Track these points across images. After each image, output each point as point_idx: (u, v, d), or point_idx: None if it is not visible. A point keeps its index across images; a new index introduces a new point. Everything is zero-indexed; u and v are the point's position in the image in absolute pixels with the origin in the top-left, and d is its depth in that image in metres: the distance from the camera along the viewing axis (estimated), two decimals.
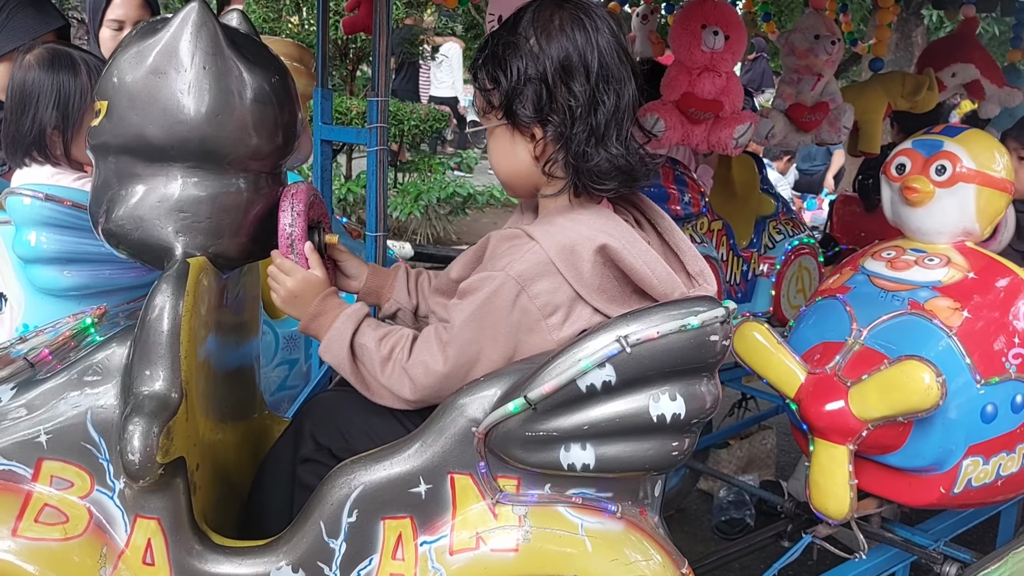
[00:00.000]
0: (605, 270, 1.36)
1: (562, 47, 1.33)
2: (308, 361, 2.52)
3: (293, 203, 1.45)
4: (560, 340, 1.35)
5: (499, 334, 1.35)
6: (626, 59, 1.37)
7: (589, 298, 1.35)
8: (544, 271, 1.34)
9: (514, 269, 1.33)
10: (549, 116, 1.35)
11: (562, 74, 1.33)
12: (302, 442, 1.52)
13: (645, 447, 1.29)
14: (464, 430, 1.32)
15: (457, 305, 1.38)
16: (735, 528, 3.49)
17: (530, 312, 1.34)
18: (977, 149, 2.22)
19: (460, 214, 7.49)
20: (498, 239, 1.43)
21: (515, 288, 1.33)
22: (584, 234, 1.35)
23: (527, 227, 1.39)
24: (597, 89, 1.33)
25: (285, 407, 2.48)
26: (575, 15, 1.35)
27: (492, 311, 1.34)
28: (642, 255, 1.36)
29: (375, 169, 1.97)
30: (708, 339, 1.28)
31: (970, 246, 2.28)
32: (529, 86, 1.34)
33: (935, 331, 2.11)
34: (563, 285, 1.34)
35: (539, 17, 1.36)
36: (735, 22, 2.64)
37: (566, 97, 1.33)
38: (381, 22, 1.95)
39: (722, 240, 3.15)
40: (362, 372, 1.44)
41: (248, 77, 1.37)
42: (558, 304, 1.35)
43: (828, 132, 3.09)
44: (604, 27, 1.35)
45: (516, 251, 1.36)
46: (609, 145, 1.35)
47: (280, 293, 1.48)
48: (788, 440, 3.89)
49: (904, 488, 2.18)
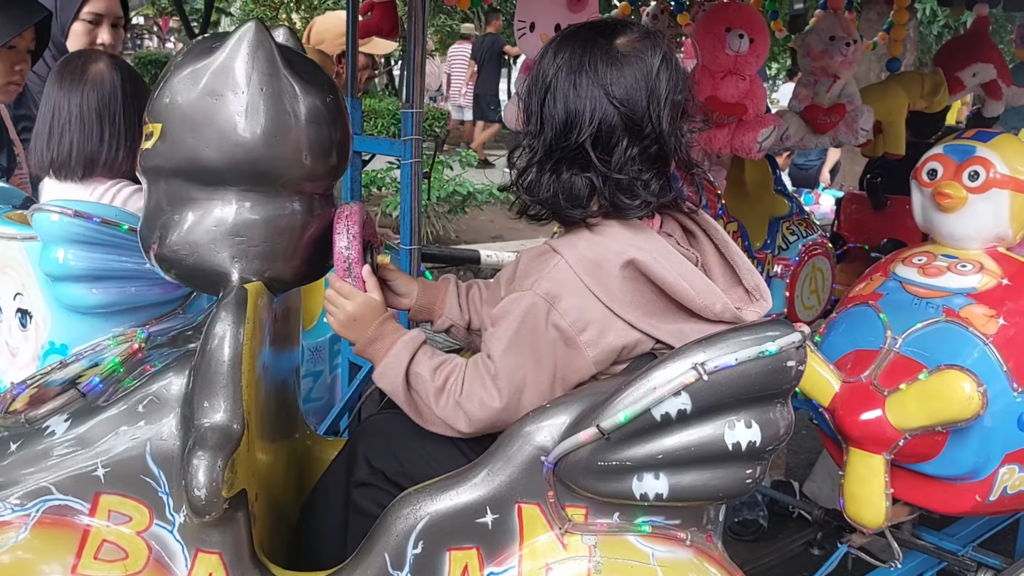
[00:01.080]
0: (636, 284, 1.34)
1: (564, 91, 1.35)
2: (333, 372, 2.48)
3: (348, 225, 1.42)
4: (596, 357, 1.33)
5: (541, 355, 1.34)
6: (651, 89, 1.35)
7: (622, 313, 1.33)
8: (571, 288, 1.32)
9: (541, 287, 1.32)
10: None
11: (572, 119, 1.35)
12: (356, 466, 1.49)
13: (719, 475, 1.27)
14: (532, 458, 1.30)
15: (493, 334, 1.36)
16: (748, 529, 3.49)
17: (563, 329, 1.32)
18: (1010, 154, 2.21)
19: (459, 212, 7.45)
20: (528, 257, 1.42)
21: (544, 306, 1.32)
22: (612, 248, 1.33)
23: (554, 242, 1.38)
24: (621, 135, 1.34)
25: (311, 420, 2.44)
26: (608, 53, 1.35)
27: (528, 334, 1.33)
28: (676, 267, 1.34)
29: (409, 182, 1.94)
30: (784, 365, 1.25)
31: (1002, 251, 2.28)
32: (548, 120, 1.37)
33: (971, 339, 2.10)
34: (592, 300, 1.32)
35: (562, 52, 1.36)
36: (759, 25, 2.61)
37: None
38: (416, 30, 1.90)
39: (737, 241, 3.11)
40: (416, 401, 1.41)
41: (303, 97, 1.34)
42: (589, 320, 1.32)
43: (845, 134, 3.07)
44: (626, 71, 1.34)
45: (543, 268, 1.34)
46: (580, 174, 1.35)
47: (339, 317, 1.45)
48: (797, 440, 3.90)
49: (939, 496, 2.18)
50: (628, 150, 1.33)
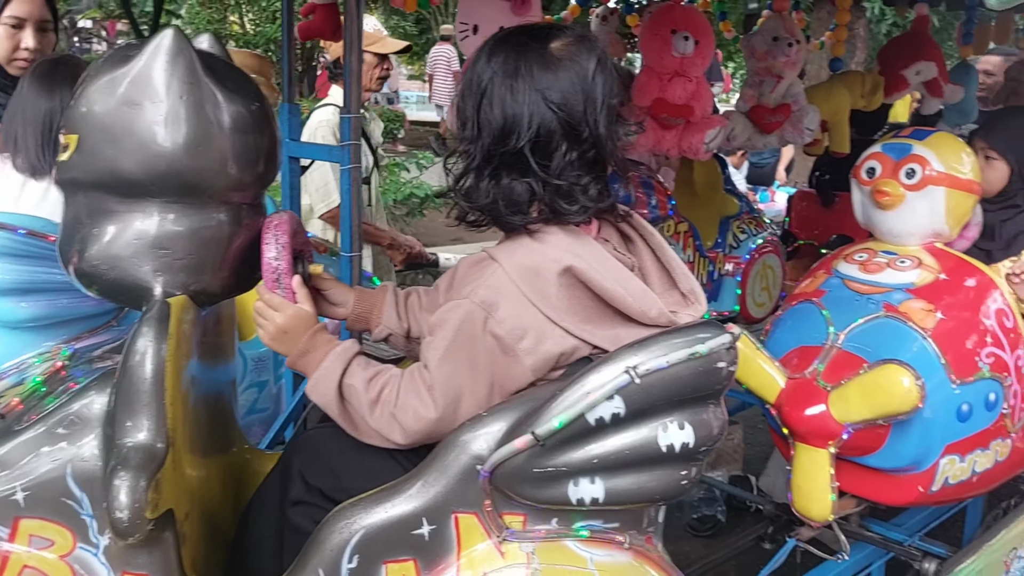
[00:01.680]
0: (574, 291, 1.32)
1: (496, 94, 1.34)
2: (278, 383, 2.45)
3: (277, 235, 1.39)
4: (534, 365, 1.32)
5: (477, 364, 1.32)
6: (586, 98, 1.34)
7: (559, 320, 1.32)
8: (508, 295, 1.31)
9: (478, 295, 1.31)
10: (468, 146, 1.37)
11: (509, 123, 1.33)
12: (291, 483, 1.46)
13: (654, 477, 1.27)
14: (468, 468, 1.29)
15: (430, 344, 1.34)
16: (707, 525, 3.52)
17: (500, 337, 1.31)
18: (945, 152, 2.25)
19: (418, 215, 7.40)
20: (466, 264, 1.41)
21: (481, 315, 1.30)
22: (550, 255, 1.32)
23: (492, 250, 1.36)
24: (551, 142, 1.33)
25: (256, 432, 2.41)
26: (542, 58, 1.33)
27: (465, 342, 1.31)
28: (613, 273, 1.33)
29: (348, 188, 1.91)
30: (715, 366, 1.26)
31: (940, 247, 2.32)
32: (482, 122, 1.35)
33: (910, 333, 2.13)
34: (529, 308, 1.31)
35: (496, 56, 1.35)
36: (704, 27, 2.63)
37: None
38: (352, 36, 1.88)
39: (688, 241, 3.16)
40: (350, 412, 1.39)
41: (227, 105, 1.31)
42: (526, 328, 1.31)
43: (791, 133, 3.10)
44: (579, 65, 1.34)
45: (480, 276, 1.33)
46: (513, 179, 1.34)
47: (268, 330, 1.42)
48: (754, 434, 3.94)
49: (884, 488, 2.21)
50: (567, 155, 1.33)
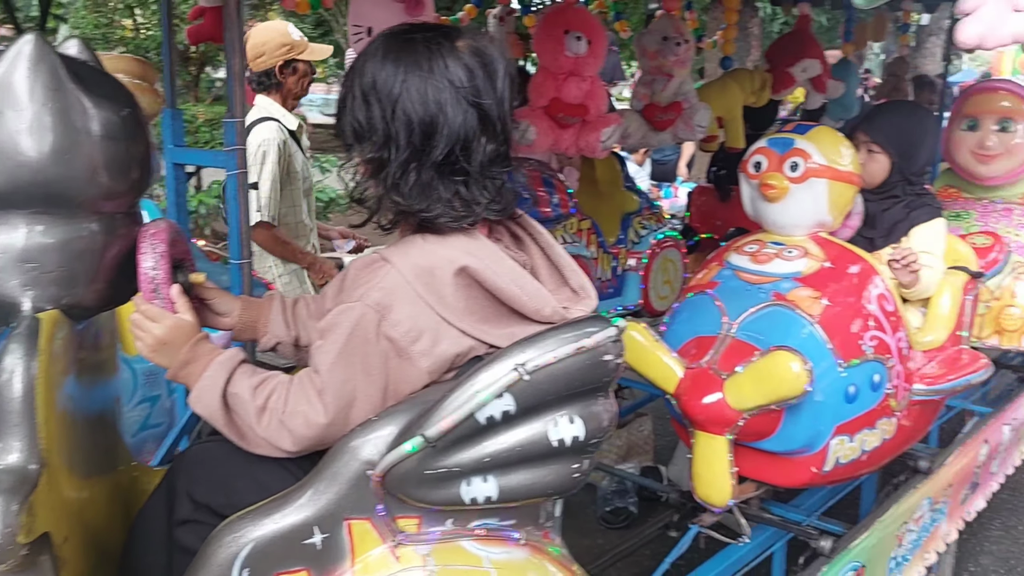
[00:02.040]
0: (470, 291, 1.32)
1: (386, 84, 1.32)
2: (171, 396, 2.37)
3: (154, 244, 1.35)
4: (430, 367, 1.31)
5: (371, 367, 1.30)
6: (476, 104, 1.34)
7: (455, 321, 1.31)
8: (402, 296, 1.29)
9: (371, 297, 1.29)
10: (371, 153, 1.35)
11: (406, 122, 1.32)
12: (178, 502, 1.41)
13: (546, 472, 1.28)
14: (359, 473, 1.27)
15: (321, 347, 1.32)
16: (620, 517, 3.57)
17: (395, 340, 1.29)
18: (826, 145, 2.33)
19: (321, 218, 7.29)
20: (357, 267, 1.38)
21: (375, 317, 1.28)
22: (444, 255, 1.31)
23: (384, 251, 1.35)
24: (427, 141, 1.32)
25: (150, 448, 2.33)
26: (425, 58, 1.32)
27: (357, 345, 1.29)
28: (508, 273, 1.33)
29: (235, 194, 1.87)
30: (602, 359, 1.28)
31: (824, 236, 2.40)
32: (367, 124, 1.34)
33: (798, 320, 2.21)
34: (425, 309, 1.30)
35: (385, 55, 1.33)
36: (596, 27, 2.67)
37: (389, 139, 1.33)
38: (233, 38, 1.84)
39: (591, 238, 3.21)
40: (236, 422, 1.35)
41: (95, 112, 1.26)
42: (422, 329, 1.30)
43: (684, 130, 3.18)
44: (453, 72, 1.32)
45: (372, 277, 1.31)
46: (436, 189, 1.34)
47: (147, 342, 1.37)
48: (664, 425, 4.01)
49: (780, 471, 2.28)
50: (485, 151, 1.33)
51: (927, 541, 2.72)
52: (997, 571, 3.35)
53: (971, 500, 3.04)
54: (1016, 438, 3.34)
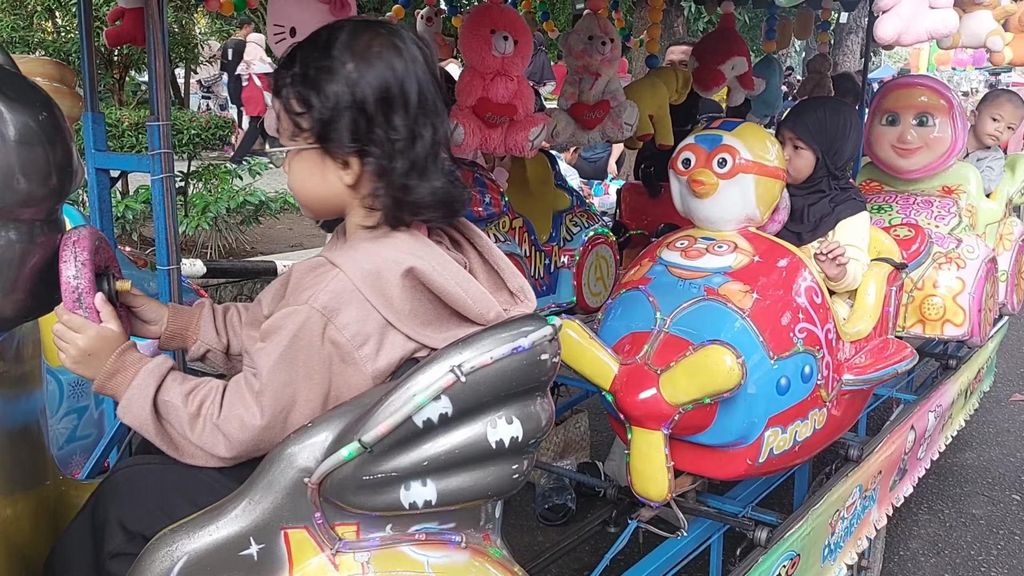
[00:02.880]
0: (416, 294, 1.31)
1: (382, 76, 1.28)
2: (99, 407, 2.31)
3: (76, 252, 1.30)
4: (375, 372, 1.30)
5: (313, 372, 1.28)
6: (439, 89, 1.34)
7: (400, 325, 1.30)
8: (350, 300, 1.28)
9: (318, 301, 1.27)
10: (368, 147, 1.30)
11: (382, 104, 1.28)
12: (108, 532, 1.35)
13: (486, 474, 1.28)
14: (295, 481, 1.25)
15: (262, 349, 1.29)
16: (559, 514, 3.59)
17: (340, 344, 1.28)
18: (752, 141, 2.38)
19: (253, 223, 7.16)
20: (301, 270, 1.35)
21: (321, 321, 1.27)
22: (390, 257, 1.30)
23: (330, 255, 1.33)
24: (416, 121, 1.30)
25: (78, 461, 2.26)
26: (393, 43, 1.30)
27: (301, 349, 1.27)
28: (454, 276, 1.33)
29: (161, 199, 1.82)
30: (539, 358, 1.28)
31: (753, 231, 2.45)
32: (346, 114, 1.28)
33: (730, 314, 2.24)
34: (372, 313, 1.28)
35: (356, 42, 1.29)
36: (522, 27, 2.67)
37: (386, 129, 1.29)
38: (156, 40, 1.79)
39: (524, 236, 3.22)
40: (169, 431, 1.31)
41: (10, 116, 1.21)
42: (368, 333, 1.29)
43: (611, 128, 3.21)
44: (420, 56, 1.32)
45: (319, 281, 1.29)
46: (431, 177, 1.32)
47: (71, 353, 1.33)
48: (600, 420, 4.06)
49: (716, 463, 2.32)
50: (440, 146, 1.34)
51: (858, 528, 2.79)
52: (926, 554, 3.46)
53: (899, 486, 3.13)
54: (940, 424, 3.46)
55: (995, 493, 3.98)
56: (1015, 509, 3.84)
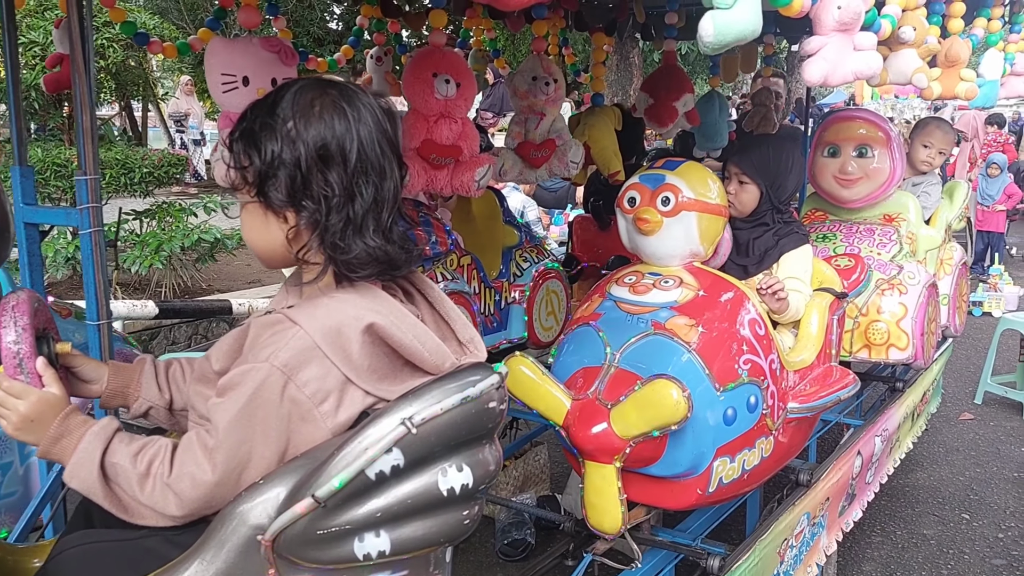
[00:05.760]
0: (375, 348, 1.33)
1: (320, 134, 1.30)
2: (26, 462, 2.25)
3: (15, 317, 1.29)
4: (334, 427, 1.31)
5: (270, 430, 1.28)
6: (389, 149, 1.36)
7: (359, 381, 1.31)
8: (310, 357, 1.28)
9: (278, 359, 1.27)
10: (303, 202, 1.31)
11: (318, 162, 1.30)
12: None
13: (438, 522, 1.30)
14: (247, 539, 1.25)
15: (219, 404, 1.29)
16: (518, 549, 3.59)
17: (300, 402, 1.28)
18: (694, 180, 2.45)
19: (208, 260, 7.07)
20: (259, 326, 1.35)
21: (281, 379, 1.27)
22: (350, 314, 1.31)
23: (289, 312, 1.33)
24: (355, 180, 1.32)
25: (3, 518, 2.20)
26: (336, 102, 1.32)
27: (259, 407, 1.27)
28: (411, 329, 1.35)
29: (90, 253, 1.80)
30: (487, 406, 1.30)
31: (698, 266, 2.52)
32: (283, 170, 1.30)
33: (676, 348, 2.29)
34: (332, 370, 1.29)
35: (299, 100, 1.32)
36: (464, 70, 2.72)
37: (321, 186, 1.30)
38: (82, 94, 1.77)
39: (473, 274, 3.24)
40: (118, 493, 1.30)
41: None
42: (329, 390, 1.30)
43: (558, 166, 3.27)
44: (367, 116, 1.34)
45: (279, 339, 1.29)
46: (366, 236, 1.33)
47: (12, 420, 1.31)
48: (559, 453, 4.08)
49: (667, 494, 2.36)
50: (394, 192, 1.36)
51: (808, 555, 2.85)
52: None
53: (848, 511, 3.20)
54: (887, 448, 3.54)
55: (945, 513, 4.07)
56: (964, 528, 3.93)
